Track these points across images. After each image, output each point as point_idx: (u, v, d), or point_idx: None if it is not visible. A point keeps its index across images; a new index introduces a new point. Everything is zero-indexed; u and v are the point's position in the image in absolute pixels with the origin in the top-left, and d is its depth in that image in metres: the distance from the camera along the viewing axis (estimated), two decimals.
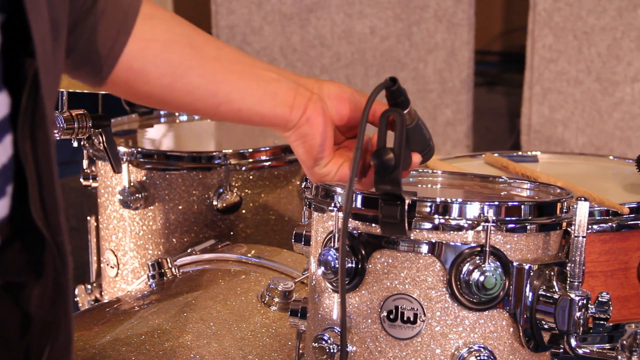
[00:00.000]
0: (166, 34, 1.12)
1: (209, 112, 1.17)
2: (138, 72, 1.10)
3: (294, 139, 1.20)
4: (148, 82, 1.11)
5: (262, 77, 1.17)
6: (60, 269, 0.91)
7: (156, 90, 1.12)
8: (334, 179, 1.21)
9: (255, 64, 1.18)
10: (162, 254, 1.95)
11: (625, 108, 3.36)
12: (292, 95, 1.17)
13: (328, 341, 1.24)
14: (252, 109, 1.17)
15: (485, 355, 1.20)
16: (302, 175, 2.01)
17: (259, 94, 1.16)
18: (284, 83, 1.18)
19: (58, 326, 0.94)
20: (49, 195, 0.89)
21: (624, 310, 1.53)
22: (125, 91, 1.14)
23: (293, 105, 1.17)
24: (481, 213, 1.20)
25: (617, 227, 1.52)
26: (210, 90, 1.14)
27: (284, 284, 1.59)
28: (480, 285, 1.19)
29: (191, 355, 1.46)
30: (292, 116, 1.18)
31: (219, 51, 1.16)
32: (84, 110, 1.73)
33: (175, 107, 1.17)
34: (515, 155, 1.91)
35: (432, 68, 3.64)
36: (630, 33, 3.31)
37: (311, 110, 1.18)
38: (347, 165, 1.21)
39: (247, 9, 3.67)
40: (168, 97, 1.14)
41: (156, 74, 1.11)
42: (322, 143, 1.18)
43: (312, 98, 1.18)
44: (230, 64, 1.16)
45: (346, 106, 1.20)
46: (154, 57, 1.10)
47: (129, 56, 1.09)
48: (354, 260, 1.22)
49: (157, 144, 2.25)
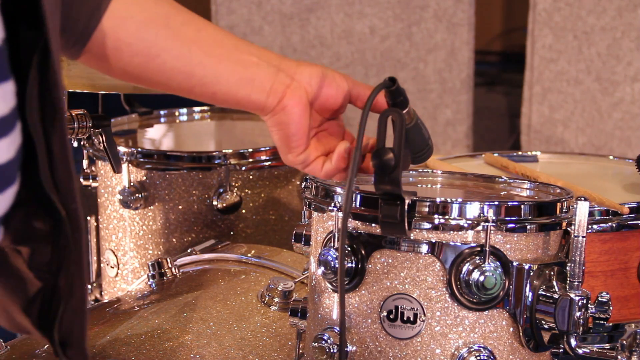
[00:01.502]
0: (143, 13, 1.11)
1: (184, 92, 1.17)
2: (111, 50, 1.10)
3: (270, 124, 1.19)
4: (122, 59, 1.11)
5: (241, 61, 1.16)
6: (71, 235, 0.93)
7: (130, 68, 1.12)
8: (314, 171, 1.21)
9: (237, 47, 1.17)
10: (162, 254, 1.95)
11: (625, 108, 3.36)
12: (269, 81, 1.17)
13: (328, 341, 1.24)
14: (227, 93, 1.16)
15: (485, 355, 1.20)
16: (302, 175, 2.01)
17: (235, 79, 1.15)
18: (263, 69, 1.17)
19: (71, 289, 0.95)
20: (62, 164, 0.90)
21: (624, 310, 1.53)
22: (100, 66, 1.13)
23: (270, 92, 1.16)
24: (481, 213, 1.20)
25: (617, 227, 1.52)
26: (184, 72, 1.13)
27: (284, 284, 1.59)
28: (480, 285, 1.19)
29: (191, 355, 1.46)
30: (268, 102, 1.17)
31: (199, 32, 1.15)
32: (84, 110, 1.73)
33: (150, 85, 1.16)
34: (515, 155, 1.91)
35: (432, 68, 3.64)
36: (630, 33, 3.31)
37: (289, 98, 1.17)
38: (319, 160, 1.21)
39: (247, 9, 3.67)
40: (142, 75, 1.13)
41: (129, 52, 1.10)
42: (296, 132, 1.18)
43: (291, 85, 1.17)
44: (209, 46, 1.15)
45: (326, 90, 1.20)
46: (128, 36, 1.10)
47: (103, 33, 1.08)
48: (354, 260, 1.22)
49: (157, 144, 2.25)
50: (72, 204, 0.92)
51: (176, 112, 2.33)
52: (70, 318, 0.96)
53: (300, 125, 1.18)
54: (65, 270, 0.95)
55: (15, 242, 0.95)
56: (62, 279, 0.95)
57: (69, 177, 0.92)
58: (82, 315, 0.98)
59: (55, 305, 0.96)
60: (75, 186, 0.93)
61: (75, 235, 0.94)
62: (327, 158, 1.21)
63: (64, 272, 0.95)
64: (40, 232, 0.94)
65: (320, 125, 1.23)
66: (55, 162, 0.90)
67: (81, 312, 0.98)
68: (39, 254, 0.95)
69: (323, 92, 1.20)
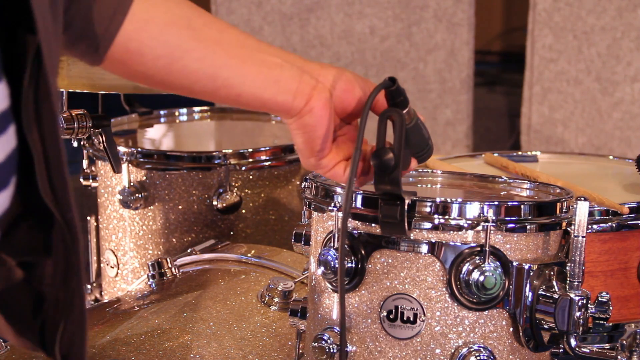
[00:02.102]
0: (165, 15, 1.09)
1: (207, 95, 1.14)
2: (134, 53, 1.08)
3: (295, 127, 1.17)
4: (144, 63, 1.09)
5: (265, 62, 1.14)
6: (71, 246, 0.92)
7: (152, 71, 1.10)
8: (335, 176, 1.19)
9: (259, 49, 1.15)
10: (162, 254, 1.95)
11: (625, 108, 3.36)
12: (295, 82, 1.14)
13: (328, 341, 1.24)
14: (252, 95, 1.14)
15: (485, 355, 1.20)
16: (302, 175, 2.01)
17: (260, 79, 1.13)
18: (288, 70, 1.15)
19: (72, 302, 0.94)
20: (57, 172, 0.89)
21: (623, 310, 1.53)
22: (123, 71, 1.11)
23: (296, 93, 1.14)
24: (481, 213, 1.20)
25: (616, 227, 1.52)
26: (208, 74, 1.11)
27: (283, 284, 1.59)
28: (480, 285, 1.19)
29: (191, 355, 1.46)
30: (295, 104, 1.15)
31: (221, 34, 1.13)
32: (84, 110, 1.73)
33: (173, 89, 1.14)
34: (515, 155, 1.91)
35: (432, 68, 3.64)
36: (630, 33, 3.31)
37: (315, 100, 1.15)
38: (341, 165, 1.19)
39: (247, 9, 3.67)
40: (165, 79, 1.11)
41: (152, 55, 1.08)
42: (322, 136, 1.16)
43: (317, 87, 1.15)
44: (232, 47, 1.13)
45: (349, 96, 1.18)
46: (151, 39, 1.08)
47: (125, 37, 1.06)
48: (354, 260, 1.22)
49: (157, 144, 2.25)
50: (68, 212, 0.90)
51: (176, 112, 2.33)
52: (71, 331, 0.95)
53: (326, 128, 1.15)
54: (65, 283, 0.93)
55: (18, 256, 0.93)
56: (62, 291, 0.93)
57: (64, 184, 0.90)
58: (82, 328, 0.96)
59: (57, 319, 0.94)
60: (71, 194, 0.91)
61: (74, 246, 0.92)
62: (348, 163, 1.19)
63: (64, 285, 0.93)
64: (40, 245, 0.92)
65: (339, 129, 1.21)
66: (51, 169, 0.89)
67: (81, 325, 0.96)
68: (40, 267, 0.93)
69: (344, 96, 1.17)
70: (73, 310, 0.95)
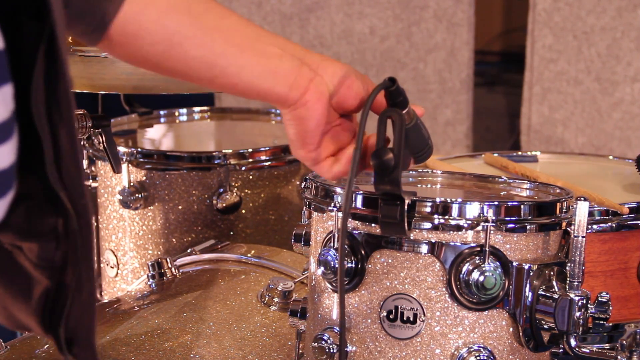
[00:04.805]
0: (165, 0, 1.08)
1: (204, 82, 1.14)
2: (133, 36, 1.07)
3: (288, 118, 1.16)
4: (142, 47, 1.08)
5: (264, 52, 1.13)
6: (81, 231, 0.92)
7: (150, 56, 1.09)
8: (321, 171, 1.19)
9: (259, 37, 1.14)
10: (162, 254, 1.95)
11: (625, 108, 3.36)
12: (293, 75, 1.14)
13: (328, 341, 1.24)
14: (249, 84, 1.13)
15: (485, 355, 1.20)
16: (302, 175, 2.02)
17: (258, 70, 1.13)
18: (287, 61, 1.14)
19: (80, 286, 0.94)
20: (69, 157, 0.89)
21: (623, 310, 1.53)
22: (120, 53, 1.10)
23: (293, 85, 1.14)
24: (481, 213, 1.20)
25: (616, 227, 1.52)
26: (206, 62, 1.11)
27: (283, 284, 1.59)
28: (479, 285, 1.19)
29: (191, 355, 1.46)
30: (291, 96, 1.14)
31: (221, 21, 1.12)
32: (83, 110, 1.73)
33: (170, 74, 1.13)
34: (515, 155, 1.91)
35: (432, 68, 3.64)
36: (630, 33, 3.31)
37: (311, 93, 1.14)
38: (329, 160, 1.19)
39: (247, 9, 3.67)
40: (163, 64, 1.11)
41: (151, 40, 1.08)
42: (314, 129, 1.16)
43: (315, 80, 1.15)
44: (232, 35, 1.12)
45: (348, 91, 1.17)
46: (150, 23, 1.07)
47: (124, 19, 1.05)
48: (354, 260, 1.22)
49: (157, 144, 2.25)
50: (81, 199, 0.91)
51: (176, 112, 2.33)
52: (79, 315, 0.95)
53: (319, 122, 1.15)
54: (73, 267, 0.93)
55: (18, 239, 0.94)
56: (69, 275, 0.94)
57: (78, 172, 0.90)
58: (90, 311, 0.97)
59: (61, 302, 0.95)
60: (84, 181, 0.91)
61: (84, 232, 0.92)
62: (336, 159, 1.19)
63: (71, 269, 0.93)
64: (46, 228, 0.92)
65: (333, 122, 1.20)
66: (63, 157, 0.89)
67: (90, 309, 0.96)
68: (44, 250, 0.93)
69: (342, 92, 1.17)
70: (81, 294, 0.94)
